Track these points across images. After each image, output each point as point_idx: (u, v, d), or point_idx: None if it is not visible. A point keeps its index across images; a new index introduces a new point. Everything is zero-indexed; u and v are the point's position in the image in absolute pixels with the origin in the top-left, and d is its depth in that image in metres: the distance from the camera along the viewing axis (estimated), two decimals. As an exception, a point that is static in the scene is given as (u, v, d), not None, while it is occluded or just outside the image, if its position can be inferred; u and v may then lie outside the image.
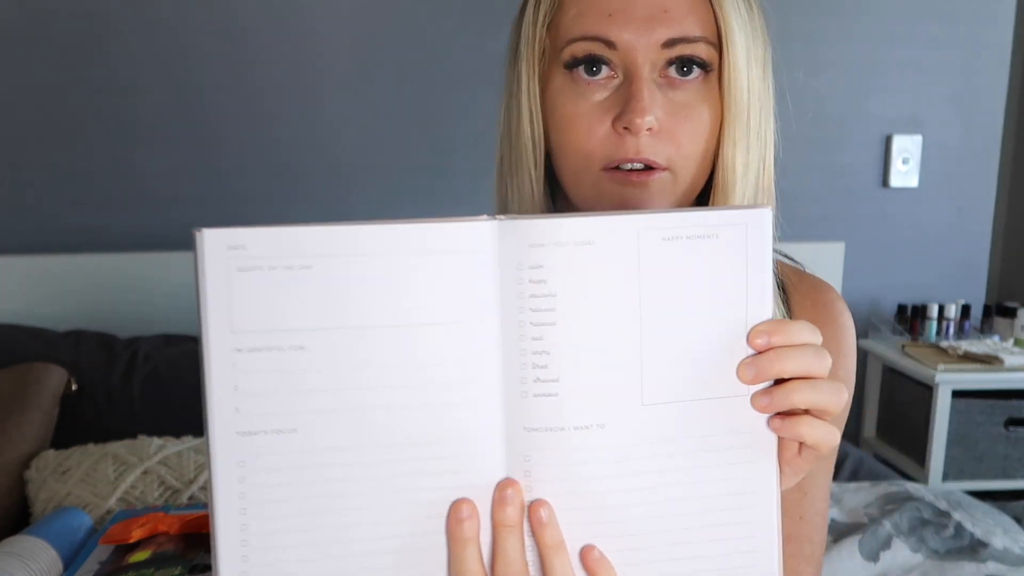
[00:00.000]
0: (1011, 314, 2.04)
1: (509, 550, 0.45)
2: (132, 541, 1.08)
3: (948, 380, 1.83)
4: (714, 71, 0.57)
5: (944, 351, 1.92)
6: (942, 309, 2.05)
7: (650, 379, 0.45)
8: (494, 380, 0.45)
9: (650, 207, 0.57)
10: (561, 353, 0.44)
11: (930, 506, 1.39)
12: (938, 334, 2.05)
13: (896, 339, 2.08)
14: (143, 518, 1.12)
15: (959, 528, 1.33)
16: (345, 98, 1.86)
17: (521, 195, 0.64)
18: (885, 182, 2.11)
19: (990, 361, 1.84)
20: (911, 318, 2.08)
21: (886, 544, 1.29)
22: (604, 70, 0.57)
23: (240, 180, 1.84)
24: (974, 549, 1.28)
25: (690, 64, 0.57)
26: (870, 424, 2.17)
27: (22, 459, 1.37)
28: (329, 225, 0.43)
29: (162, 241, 1.79)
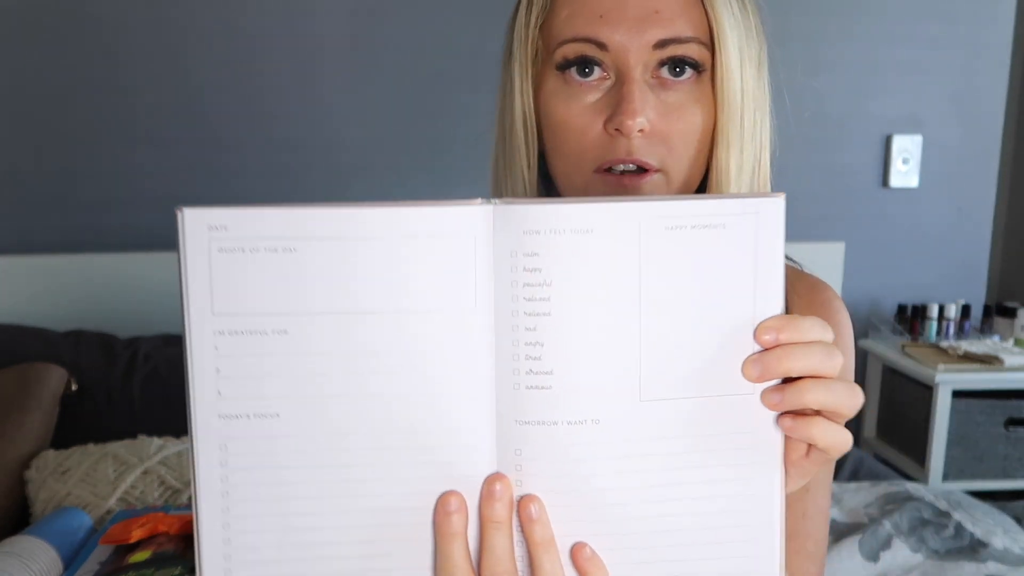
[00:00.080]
0: (1011, 314, 2.04)
1: (497, 547, 0.44)
2: (132, 541, 1.08)
3: (948, 380, 1.83)
4: (707, 72, 0.57)
5: (944, 351, 1.92)
6: (942, 309, 2.05)
7: (649, 374, 0.43)
8: (486, 371, 0.43)
9: None
10: (555, 345, 0.42)
11: (930, 506, 1.39)
12: (938, 334, 2.05)
13: (896, 339, 2.08)
14: (143, 518, 1.12)
15: (959, 528, 1.33)
16: (346, 98, 1.85)
17: (515, 195, 0.64)
18: (885, 182, 2.11)
19: (990, 361, 1.84)
20: (911, 318, 2.08)
21: (886, 544, 1.29)
22: (596, 71, 0.57)
23: (240, 180, 1.84)
24: (974, 549, 1.28)
25: (682, 65, 0.56)
26: (870, 424, 2.16)
27: (22, 459, 1.37)
28: (315, 207, 0.41)
29: (162, 241, 1.78)
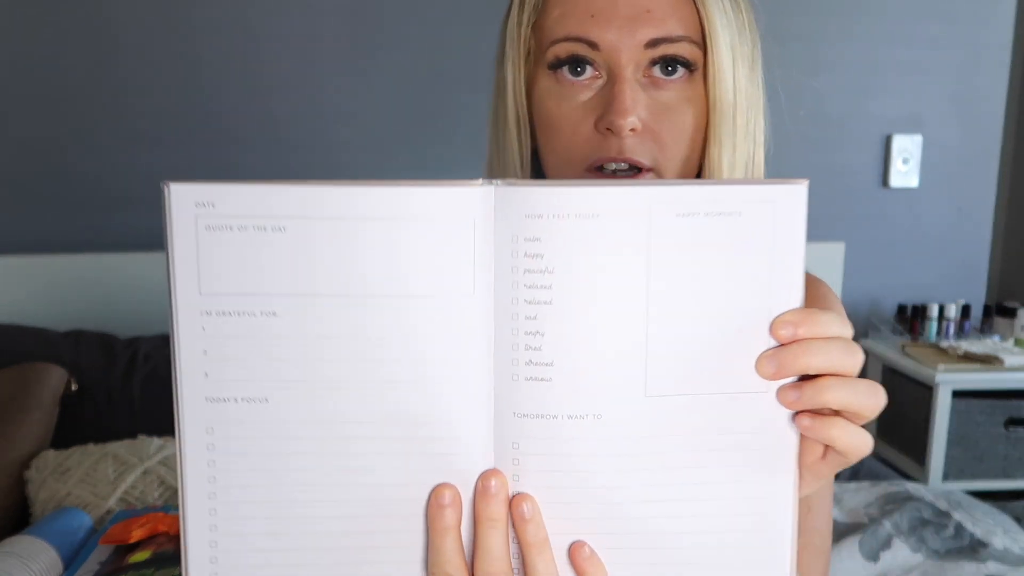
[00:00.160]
0: (1011, 314, 2.04)
1: (492, 547, 0.42)
2: (132, 541, 1.08)
3: (948, 380, 1.83)
4: (699, 70, 0.57)
5: (944, 351, 1.92)
6: (942, 309, 2.05)
7: (656, 369, 0.41)
8: (484, 360, 0.41)
9: None
10: (556, 335, 0.40)
11: (930, 506, 1.39)
12: (938, 334, 2.05)
13: (896, 339, 2.08)
14: (143, 518, 1.12)
15: (959, 528, 1.33)
16: (347, 98, 1.85)
17: None
18: (885, 182, 2.11)
19: (990, 361, 1.84)
20: (911, 318, 2.08)
21: (886, 544, 1.29)
22: (588, 70, 0.57)
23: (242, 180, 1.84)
24: (974, 549, 1.28)
25: (674, 64, 0.56)
26: (870, 424, 2.16)
27: (22, 459, 1.37)
28: (308, 184, 0.39)
29: (162, 241, 1.78)
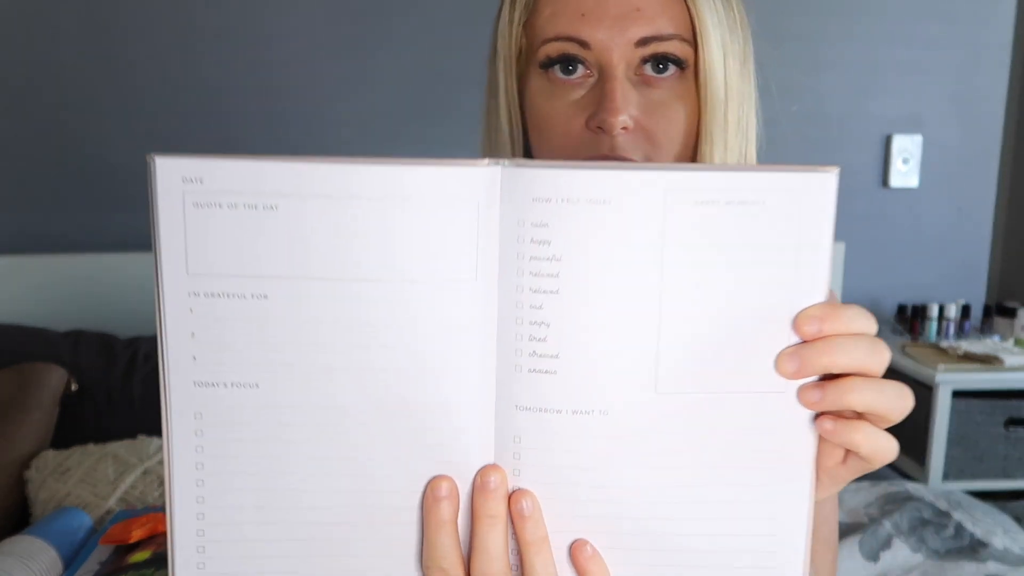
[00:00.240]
0: (1011, 314, 2.04)
1: (490, 544, 0.40)
2: (132, 541, 1.08)
3: (948, 380, 1.83)
4: (690, 68, 0.57)
5: (944, 351, 1.92)
6: (942, 309, 2.05)
7: (668, 364, 0.39)
8: (486, 350, 0.39)
9: None
10: (562, 326, 0.38)
11: (930, 506, 1.39)
12: (938, 334, 2.05)
13: (896, 339, 2.08)
14: (143, 518, 1.12)
15: (959, 528, 1.33)
16: (349, 99, 1.85)
17: None
18: (885, 182, 2.11)
19: (990, 361, 1.84)
20: (911, 318, 2.08)
21: (886, 544, 1.29)
22: (580, 69, 0.57)
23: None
24: (974, 549, 1.28)
25: (665, 61, 0.56)
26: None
27: (22, 459, 1.37)
28: (302, 160, 0.37)
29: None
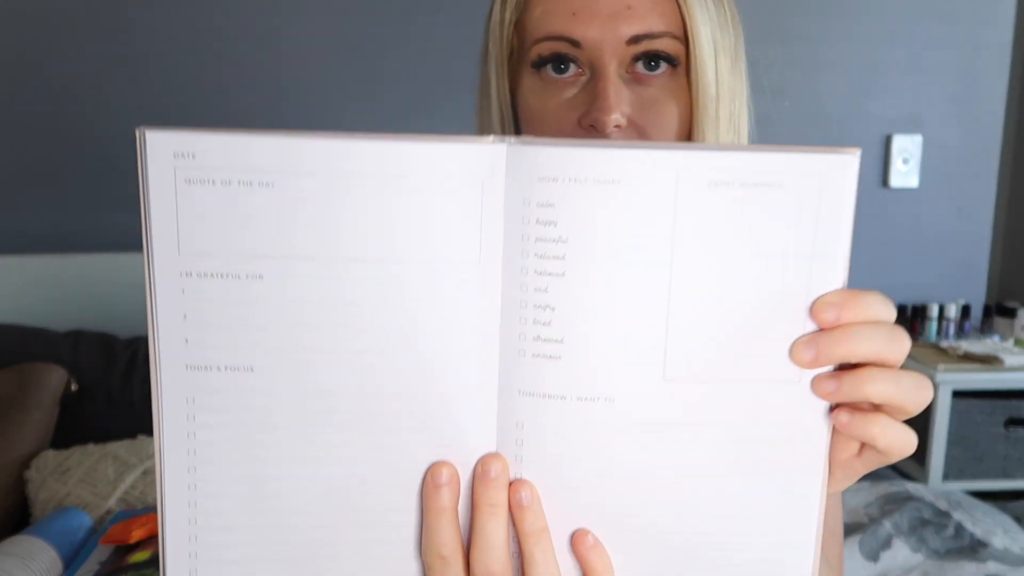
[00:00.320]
0: (1011, 314, 2.04)
1: (490, 534, 0.39)
2: (132, 541, 1.08)
3: (948, 380, 1.83)
4: (682, 65, 0.57)
5: (944, 351, 1.92)
6: (942, 309, 2.05)
7: (677, 351, 0.38)
8: (489, 333, 0.38)
9: None
10: (568, 310, 0.37)
11: (930, 506, 1.39)
12: (938, 334, 2.05)
13: (896, 339, 2.08)
14: (143, 518, 1.12)
15: (959, 528, 1.33)
16: (358, 99, 1.86)
17: None
18: (885, 182, 2.11)
19: (990, 361, 1.84)
20: (911, 318, 2.08)
21: (886, 544, 1.29)
22: (572, 68, 0.57)
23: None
24: (974, 549, 1.28)
25: (656, 59, 0.56)
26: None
27: (22, 459, 1.37)
28: (300, 135, 0.36)
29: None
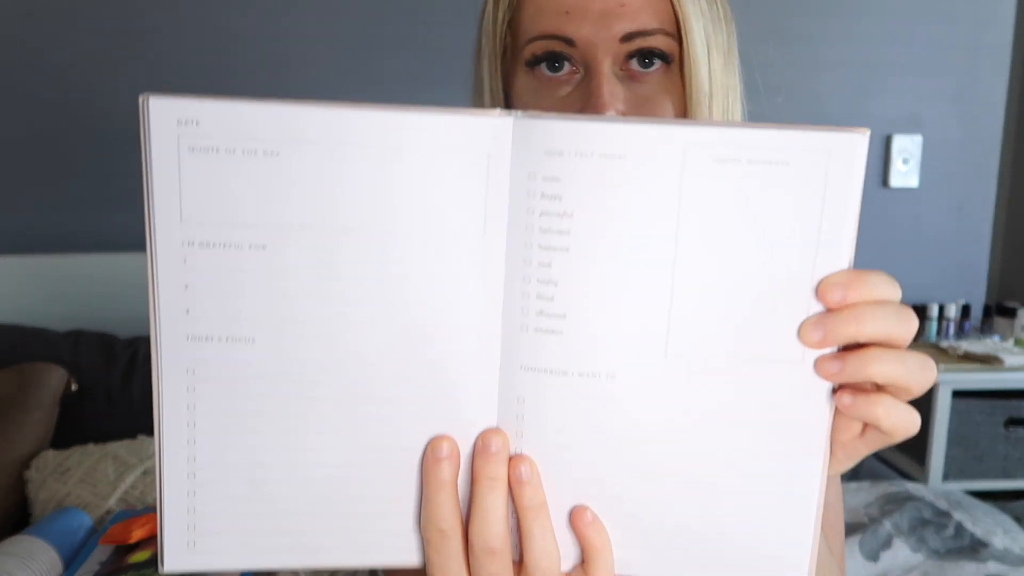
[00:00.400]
0: (1011, 314, 2.04)
1: (490, 508, 0.39)
2: (132, 541, 1.08)
3: (948, 380, 1.83)
4: (675, 61, 0.57)
5: (944, 351, 1.92)
6: (942, 309, 2.05)
7: (680, 328, 0.38)
8: (492, 308, 0.38)
9: None
10: (571, 285, 0.37)
11: (930, 506, 1.39)
12: (938, 334, 2.05)
13: (896, 339, 2.08)
14: (143, 518, 1.12)
15: (959, 528, 1.33)
16: (360, 97, 1.85)
17: None
18: (885, 182, 2.11)
19: (990, 361, 1.84)
20: (911, 318, 2.08)
21: (886, 544, 1.29)
22: (566, 66, 0.57)
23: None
24: (974, 549, 1.28)
25: (650, 56, 0.56)
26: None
27: (22, 459, 1.37)
28: (305, 104, 0.36)
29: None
